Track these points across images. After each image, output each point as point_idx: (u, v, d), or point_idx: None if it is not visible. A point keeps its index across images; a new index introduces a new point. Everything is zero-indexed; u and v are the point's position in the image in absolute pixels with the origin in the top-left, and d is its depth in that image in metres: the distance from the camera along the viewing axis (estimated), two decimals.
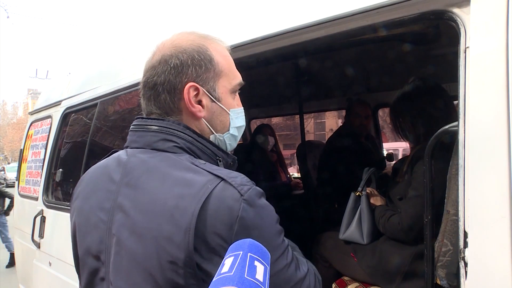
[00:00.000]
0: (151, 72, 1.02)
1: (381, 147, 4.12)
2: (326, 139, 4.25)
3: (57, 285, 3.10)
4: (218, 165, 1.01)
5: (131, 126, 1.07)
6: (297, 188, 4.38)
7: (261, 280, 0.72)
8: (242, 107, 1.12)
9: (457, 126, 1.24)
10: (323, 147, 3.84)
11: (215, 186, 0.88)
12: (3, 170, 28.55)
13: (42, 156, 3.81)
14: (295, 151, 4.35)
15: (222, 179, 0.90)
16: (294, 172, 7.52)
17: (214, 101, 1.03)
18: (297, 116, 4.05)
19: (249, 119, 5.35)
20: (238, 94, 1.12)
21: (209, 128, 1.05)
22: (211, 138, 1.06)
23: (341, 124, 3.76)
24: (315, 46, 1.76)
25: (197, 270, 0.85)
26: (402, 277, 1.94)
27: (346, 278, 2.33)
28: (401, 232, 1.94)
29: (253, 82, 3.28)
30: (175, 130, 0.99)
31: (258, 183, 1.08)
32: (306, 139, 4.18)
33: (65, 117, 3.54)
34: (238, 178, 0.92)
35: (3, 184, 8.24)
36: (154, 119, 1.02)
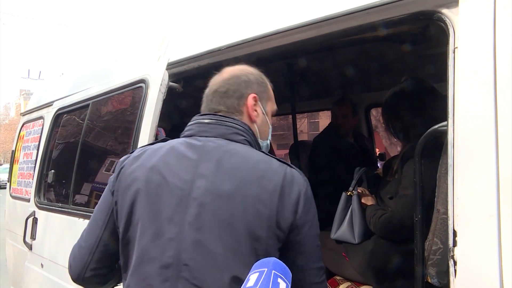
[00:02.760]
0: (223, 83, 1.33)
1: (373, 147, 4.12)
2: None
3: (49, 287, 3.08)
4: None
5: (198, 119, 1.32)
6: None
7: None
8: None
9: (446, 126, 1.26)
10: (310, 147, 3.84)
11: (287, 168, 1.21)
12: None
13: (34, 157, 3.79)
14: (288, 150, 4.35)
15: (288, 165, 1.23)
16: None
17: (264, 113, 1.37)
18: (291, 116, 4.05)
19: None
20: None
21: (257, 133, 1.35)
22: (259, 140, 1.36)
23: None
24: (306, 46, 1.77)
25: (276, 226, 1.13)
26: (394, 276, 1.95)
27: (338, 277, 2.34)
28: (392, 231, 1.95)
29: None
30: (244, 128, 1.28)
31: None
32: (300, 139, 4.17)
33: (57, 118, 3.52)
34: (297, 168, 1.24)
35: None
36: (225, 116, 1.29)
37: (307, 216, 1.18)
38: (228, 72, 1.37)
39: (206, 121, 1.30)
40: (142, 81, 2.39)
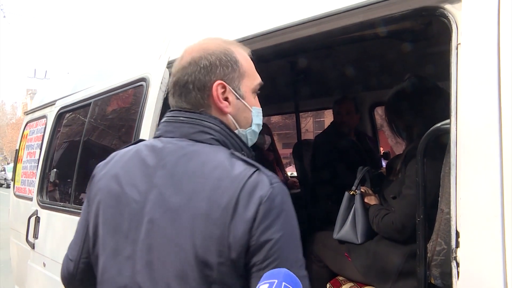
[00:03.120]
0: (182, 72, 1.12)
1: (377, 146, 4.09)
2: None
3: (51, 286, 3.07)
4: None
5: (165, 118, 1.16)
6: (293, 187, 4.36)
7: None
8: (260, 107, 1.23)
9: (449, 123, 1.23)
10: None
11: (252, 173, 0.98)
12: (4, 170, 28.54)
13: (37, 156, 3.79)
14: None
15: (258, 168, 1.00)
16: (293, 171, 7.49)
17: (239, 99, 1.14)
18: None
19: None
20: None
21: (234, 124, 1.14)
22: (236, 132, 1.16)
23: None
24: (307, 43, 1.75)
25: (228, 249, 0.93)
26: (397, 277, 1.93)
27: (340, 278, 2.32)
28: (395, 231, 1.93)
29: None
30: (212, 124, 1.09)
31: None
32: (305, 138, 4.14)
33: (59, 117, 3.52)
34: (270, 172, 1.02)
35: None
36: (190, 111, 1.11)
37: (270, 233, 0.93)
38: (188, 54, 1.14)
39: (171, 118, 1.14)
40: (143, 79, 2.38)
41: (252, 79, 1.18)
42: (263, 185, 0.96)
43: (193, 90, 1.10)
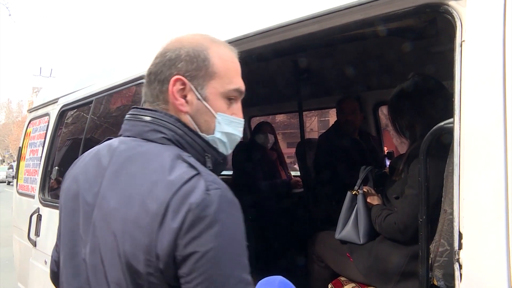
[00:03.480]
0: (152, 62, 1.07)
1: (381, 145, 4.06)
2: None
3: (52, 284, 3.07)
4: (205, 161, 1.04)
5: (126, 115, 1.10)
6: (297, 187, 4.34)
7: None
8: (242, 119, 1.12)
9: (453, 123, 1.21)
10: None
11: (190, 178, 0.90)
12: (12, 168, 28.77)
13: (40, 154, 3.80)
14: None
15: (199, 173, 0.92)
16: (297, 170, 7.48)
17: (200, 99, 1.04)
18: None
19: (248, 117, 5.32)
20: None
21: (193, 125, 1.05)
22: (202, 134, 1.07)
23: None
24: (309, 41, 1.73)
25: (156, 259, 0.87)
26: (399, 278, 1.92)
27: (342, 278, 2.30)
28: (398, 231, 1.91)
29: (251, 79, 3.25)
30: (166, 122, 1.02)
31: (257, 181, 1.05)
32: (310, 137, 4.11)
33: (61, 114, 3.52)
34: (212, 177, 0.93)
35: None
36: (147, 109, 1.05)
37: (196, 245, 0.85)
38: (166, 44, 1.09)
39: (130, 116, 1.08)
40: (144, 77, 2.36)
41: (226, 82, 1.06)
42: (197, 191, 0.88)
43: (155, 81, 1.05)
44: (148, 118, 1.03)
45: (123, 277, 0.91)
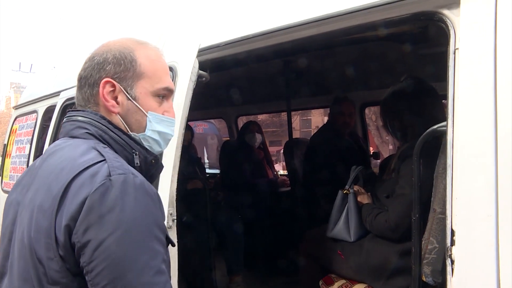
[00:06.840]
0: (82, 67, 1.10)
1: (367, 146, 4.14)
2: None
3: None
4: (133, 158, 1.06)
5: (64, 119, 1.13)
6: (283, 185, 4.39)
7: None
8: (173, 118, 1.16)
9: (446, 126, 1.26)
10: (307, 144, 3.85)
11: (93, 164, 0.92)
12: None
13: (27, 152, 3.74)
14: (280, 148, 4.36)
15: (104, 159, 0.94)
16: (279, 169, 7.53)
17: (130, 99, 1.07)
18: (284, 113, 4.05)
19: (235, 116, 5.33)
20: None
21: (124, 125, 1.08)
22: (131, 133, 1.10)
23: (325, 122, 3.78)
24: (305, 44, 1.77)
25: (55, 243, 0.87)
26: (389, 275, 1.96)
27: (333, 275, 2.34)
28: (388, 229, 1.96)
29: (241, 79, 3.27)
30: (91, 119, 1.05)
31: (244, 180, 1.07)
32: (297, 137, 4.15)
33: (65, 108, 3.37)
34: (119, 164, 0.95)
35: None
36: (77, 110, 1.09)
37: (94, 231, 0.84)
38: (95, 49, 1.11)
39: (64, 119, 1.11)
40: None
41: (154, 81, 1.09)
42: (99, 176, 0.88)
43: (85, 85, 1.07)
44: (79, 118, 1.06)
45: (29, 266, 0.91)
